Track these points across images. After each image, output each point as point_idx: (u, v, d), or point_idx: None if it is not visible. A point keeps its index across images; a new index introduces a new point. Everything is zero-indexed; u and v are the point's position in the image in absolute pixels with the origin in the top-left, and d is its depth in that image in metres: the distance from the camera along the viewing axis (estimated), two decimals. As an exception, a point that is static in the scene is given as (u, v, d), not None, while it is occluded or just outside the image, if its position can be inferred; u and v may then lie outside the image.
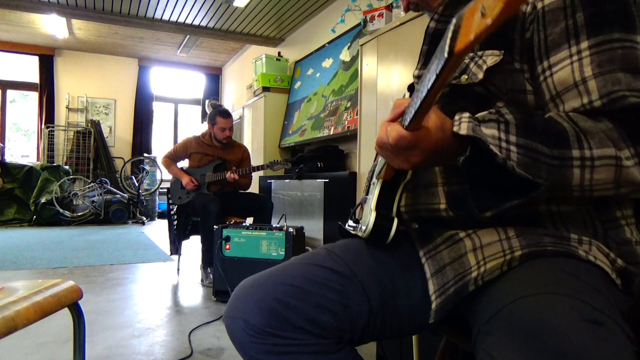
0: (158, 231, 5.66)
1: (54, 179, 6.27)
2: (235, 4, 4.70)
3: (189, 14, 5.11)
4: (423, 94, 0.45)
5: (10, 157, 7.01)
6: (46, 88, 7.11)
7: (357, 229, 0.79)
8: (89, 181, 6.61)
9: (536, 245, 0.60)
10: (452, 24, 0.38)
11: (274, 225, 2.42)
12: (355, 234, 0.79)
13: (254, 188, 3.99)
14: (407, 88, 0.94)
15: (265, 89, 4.94)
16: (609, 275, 0.58)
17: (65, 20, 5.69)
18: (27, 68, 7.21)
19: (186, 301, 2.52)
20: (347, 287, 0.70)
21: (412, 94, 0.51)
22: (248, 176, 3.29)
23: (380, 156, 0.84)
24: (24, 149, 7.70)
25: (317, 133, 4.11)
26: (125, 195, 6.63)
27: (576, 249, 0.60)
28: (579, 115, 0.58)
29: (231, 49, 7.02)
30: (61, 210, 6.11)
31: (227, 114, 3.16)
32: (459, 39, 0.37)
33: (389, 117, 0.57)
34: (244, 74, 6.87)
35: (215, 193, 3.12)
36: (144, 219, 6.60)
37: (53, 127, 7.06)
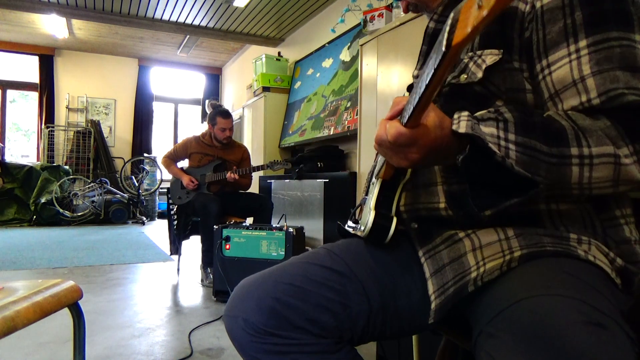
0: (158, 231, 5.66)
1: (54, 179, 6.27)
2: (235, 4, 4.70)
3: (189, 14, 5.11)
4: (421, 90, 0.45)
5: (10, 157, 7.00)
6: (46, 88, 7.11)
7: (357, 229, 0.79)
8: (89, 181, 6.60)
9: (535, 245, 0.60)
10: (450, 18, 0.38)
11: (274, 225, 2.42)
12: (355, 233, 0.79)
13: (254, 188, 3.99)
14: (406, 89, 0.94)
15: (265, 89, 4.94)
16: (608, 275, 0.58)
17: (65, 20, 5.69)
18: (27, 68, 7.20)
19: (186, 301, 2.52)
20: (347, 286, 0.70)
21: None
22: (248, 176, 3.29)
23: (379, 156, 0.84)
24: (24, 149, 7.71)
25: (317, 133, 4.11)
26: (125, 195, 6.63)
27: (575, 249, 0.60)
28: (577, 114, 0.58)
29: (231, 49, 7.02)
30: (61, 210, 6.11)
31: (227, 114, 3.16)
32: (456, 32, 0.37)
33: (388, 115, 0.57)
34: (244, 74, 6.87)
35: (215, 193, 3.12)
36: (144, 219, 6.60)
37: (53, 127, 7.06)
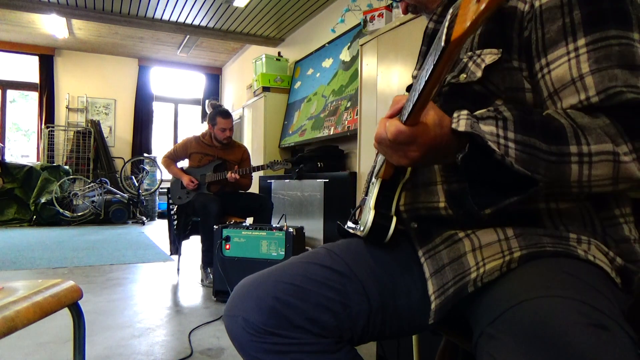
0: (158, 231, 5.66)
1: (54, 179, 6.27)
2: (235, 4, 4.70)
3: (189, 14, 5.11)
4: (421, 86, 0.45)
5: (10, 157, 7.00)
6: (46, 88, 7.11)
7: (356, 229, 0.79)
8: (89, 181, 6.60)
9: (535, 245, 0.60)
10: (449, 13, 0.39)
11: (274, 225, 2.42)
12: (354, 233, 0.79)
13: (254, 188, 3.99)
14: (405, 89, 0.94)
15: (265, 89, 4.94)
16: (608, 274, 0.58)
17: (65, 20, 5.69)
18: (27, 68, 7.20)
19: (186, 301, 2.52)
20: (347, 286, 0.70)
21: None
22: (248, 176, 3.29)
23: (379, 156, 0.84)
24: (24, 149, 7.71)
25: (317, 133, 4.11)
26: (125, 195, 6.63)
27: (575, 249, 0.60)
28: (576, 112, 0.58)
29: (231, 49, 7.02)
30: (61, 210, 6.11)
31: (227, 114, 3.16)
32: (455, 27, 0.37)
33: (388, 113, 0.57)
34: (244, 74, 6.87)
35: (215, 193, 3.12)
36: (144, 219, 6.60)
37: (53, 127, 7.06)
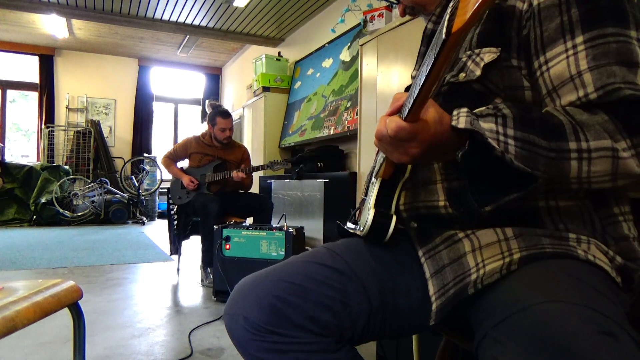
0: (158, 231, 5.65)
1: (54, 179, 6.27)
2: (235, 4, 4.70)
3: (189, 14, 5.11)
4: (421, 82, 0.45)
5: (10, 157, 7.00)
6: (46, 88, 7.11)
7: (356, 229, 0.79)
8: (89, 181, 6.60)
9: (535, 247, 0.60)
10: (449, 6, 0.39)
11: (274, 225, 2.42)
12: (354, 232, 0.79)
13: (254, 188, 3.99)
14: (404, 90, 0.94)
15: (265, 89, 4.94)
16: (609, 274, 0.58)
17: (65, 20, 5.69)
18: (27, 68, 7.20)
19: (186, 301, 2.52)
20: (348, 285, 0.70)
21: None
22: (249, 176, 3.29)
23: (378, 156, 0.84)
24: (24, 149, 7.70)
25: (317, 133, 4.11)
26: (125, 195, 6.63)
27: (575, 249, 0.60)
28: (575, 109, 0.59)
29: (231, 49, 7.02)
30: (61, 210, 6.11)
31: (227, 114, 3.16)
32: (456, 19, 0.38)
33: (388, 111, 0.57)
34: (244, 74, 6.87)
35: (215, 193, 3.12)
36: (144, 219, 6.60)
37: (53, 127, 7.06)
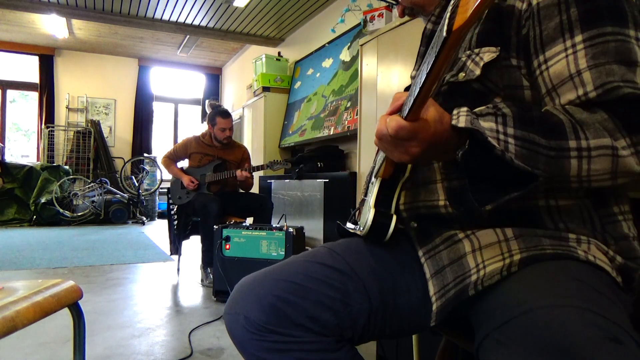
0: (158, 231, 5.65)
1: (54, 179, 6.27)
2: (235, 4, 4.70)
3: (189, 14, 5.11)
4: (422, 80, 0.45)
5: (10, 157, 7.00)
6: (46, 88, 7.10)
7: (356, 229, 0.79)
8: (89, 181, 6.60)
9: (535, 248, 0.60)
10: (450, 5, 0.39)
11: (274, 225, 2.42)
12: (354, 232, 0.79)
13: (254, 188, 3.99)
14: (404, 90, 0.94)
15: (265, 89, 4.94)
16: (609, 275, 0.58)
17: (65, 20, 5.68)
18: (27, 68, 7.20)
19: (186, 301, 2.52)
20: (348, 285, 0.70)
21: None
22: (251, 176, 3.29)
23: (378, 156, 0.84)
24: (24, 149, 7.70)
25: (317, 133, 4.11)
26: (125, 195, 6.62)
27: (575, 250, 0.60)
28: (574, 108, 0.59)
29: (231, 49, 7.02)
30: (61, 210, 6.11)
31: (227, 114, 3.16)
32: (457, 17, 0.38)
33: (389, 110, 0.57)
34: (244, 74, 6.87)
35: (215, 193, 3.11)
36: (144, 219, 6.60)
37: (53, 127, 7.05)
